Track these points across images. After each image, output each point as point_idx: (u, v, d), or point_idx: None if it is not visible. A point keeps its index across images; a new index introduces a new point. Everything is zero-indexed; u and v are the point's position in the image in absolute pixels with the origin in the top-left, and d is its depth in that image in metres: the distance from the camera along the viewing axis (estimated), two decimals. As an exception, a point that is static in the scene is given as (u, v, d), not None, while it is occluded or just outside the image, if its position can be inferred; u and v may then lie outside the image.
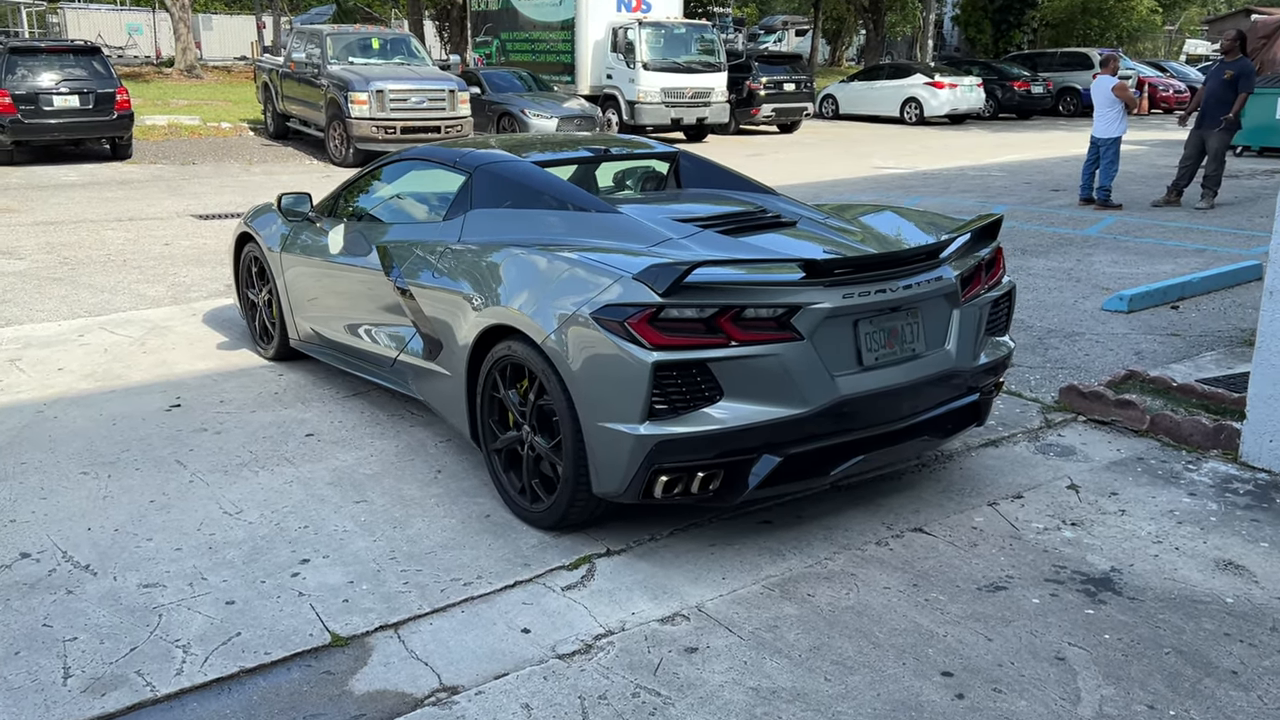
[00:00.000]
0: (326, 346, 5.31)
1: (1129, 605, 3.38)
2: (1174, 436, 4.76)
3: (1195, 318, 6.89)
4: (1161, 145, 19.41)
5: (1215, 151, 11.55)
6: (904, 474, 4.42)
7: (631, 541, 3.79)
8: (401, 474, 4.38)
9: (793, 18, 58.00)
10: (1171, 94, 29.64)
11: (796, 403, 3.48)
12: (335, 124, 15.50)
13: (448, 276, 4.23)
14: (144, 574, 3.53)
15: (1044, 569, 3.62)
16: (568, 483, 3.65)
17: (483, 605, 3.36)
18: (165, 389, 5.43)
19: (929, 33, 35.24)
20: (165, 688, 2.90)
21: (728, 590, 3.47)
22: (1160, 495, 4.22)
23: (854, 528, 3.93)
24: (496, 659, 3.06)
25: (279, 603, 3.36)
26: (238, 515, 3.98)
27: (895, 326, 3.70)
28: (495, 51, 23.43)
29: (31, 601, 3.34)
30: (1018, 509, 4.09)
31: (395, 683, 2.95)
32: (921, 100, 25.40)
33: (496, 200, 4.43)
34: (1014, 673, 3.00)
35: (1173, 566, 3.64)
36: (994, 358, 4.13)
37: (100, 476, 4.32)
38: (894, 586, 3.49)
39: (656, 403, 3.37)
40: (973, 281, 4.02)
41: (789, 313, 3.44)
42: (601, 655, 3.09)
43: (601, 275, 3.54)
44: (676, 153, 5.29)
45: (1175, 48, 54.68)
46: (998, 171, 15.76)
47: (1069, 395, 5.18)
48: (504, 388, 3.93)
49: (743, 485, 3.55)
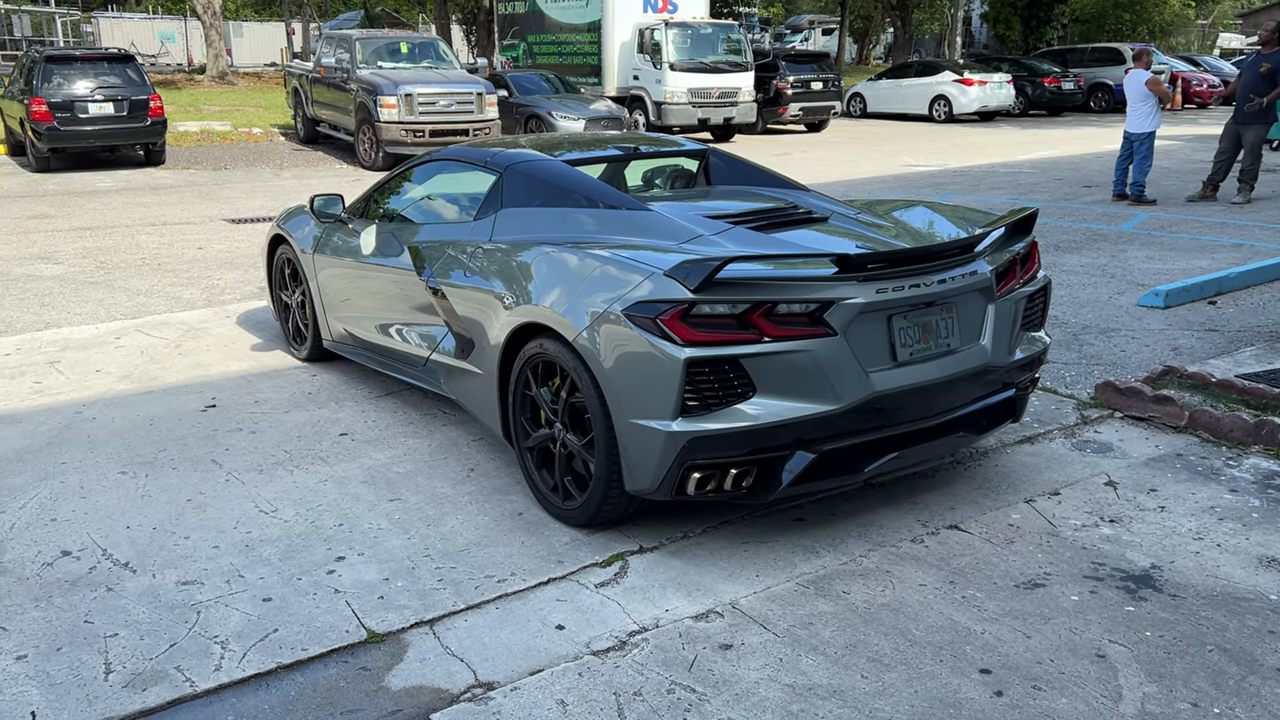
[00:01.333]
0: (359, 347, 5.35)
1: (1170, 602, 3.33)
2: (1213, 432, 4.69)
3: (1233, 313, 6.79)
4: (1195, 140, 19.16)
5: (1251, 145, 11.38)
6: (939, 471, 4.39)
7: (664, 539, 3.79)
8: (434, 472, 4.40)
9: (819, 16, 57.78)
10: (1205, 88, 29.27)
11: (830, 399, 3.46)
12: (365, 128, 15.61)
13: (479, 276, 4.25)
14: (182, 571, 3.56)
15: (1082, 566, 3.57)
16: (600, 480, 3.65)
17: (517, 602, 3.37)
18: (201, 390, 5.48)
19: (957, 30, 35.00)
20: (204, 683, 2.93)
21: (762, 587, 3.45)
22: (1200, 492, 4.16)
23: (889, 525, 3.90)
24: (531, 655, 3.07)
25: (315, 600, 3.38)
26: (273, 513, 4.01)
27: (929, 321, 3.67)
28: (522, 54, 23.50)
29: (73, 598, 3.38)
30: (1055, 506, 4.05)
31: (431, 679, 2.96)
32: (950, 98, 25.21)
33: (527, 199, 4.44)
34: (1053, 670, 2.97)
35: (1214, 563, 3.58)
36: (1030, 353, 4.09)
37: (138, 476, 4.37)
38: (930, 584, 3.46)
39: (689, 399, 3.36)
40: (1008, 276, 3.98)
41: (822, 308, 3.42)
42: (636, 652, 3.08)
43: (633, 272, 3.53)
44: (706, 150, 5.28)
45: (1209, 42, 53.98)
46: (1029, 168, 15.62)
47: (1105, 391, 5.12)
48: (536, 385, 3.93)
49: (776, 482, 3.53)
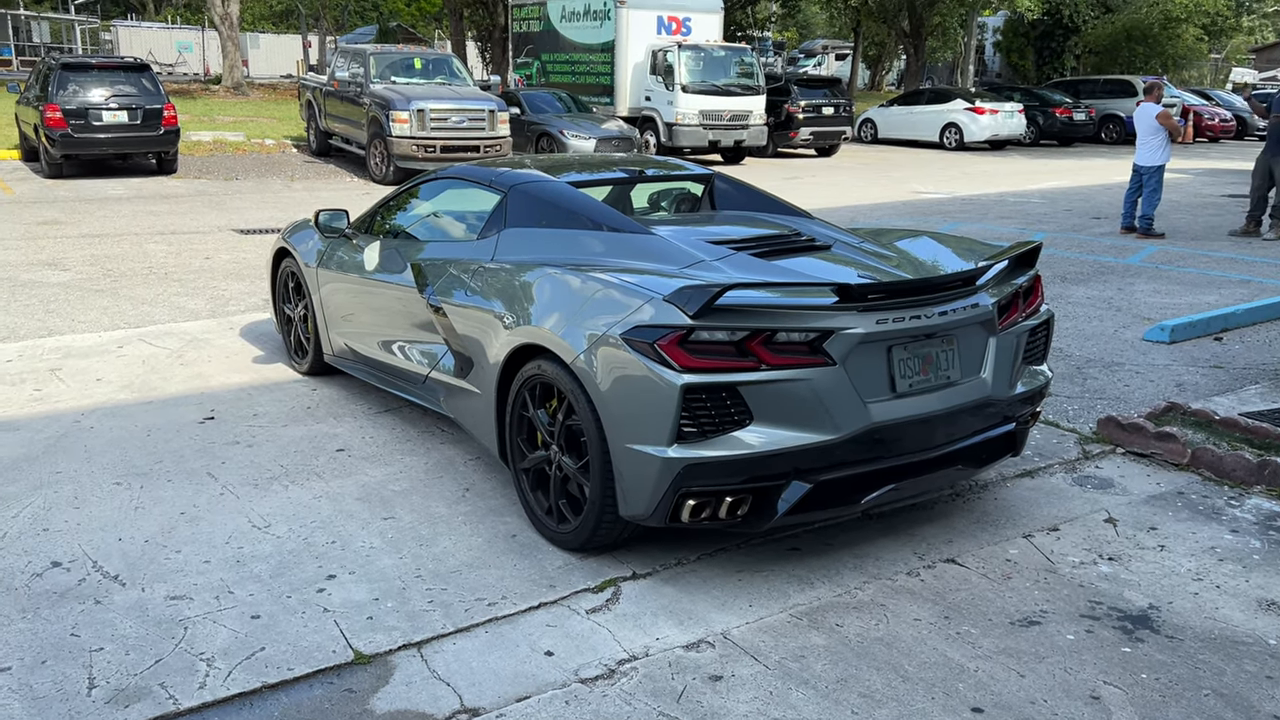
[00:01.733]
0: (360, 362, 5.34)
1: (1167, 644, 3.29)
2: (1216, 471, 4.65)
3: (1239, 350, 6.75)
4: (1206, 174, 19.14)
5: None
6: (937, 503, 4.35)
7: (658, 565, 3.76)
8: (430, 491, 4.38)
9: (833, 42, 57.99)
10: (1217, 122, 29.33)
11: (828, 428, 3.44)
12: (376, 142, 15.67)
13: (480, 295, 4.24)
14: (172, 586, 3.54)
15: (1079, 604, 3.53)
16: (594, 504, 3.63)
17: (506, 626, 3.34)
18: (200, 401, 5.48)
19: (970, 58, 35.10)
20: (188, 701, 2.90)
21: (755, 618, 3.42)
22: (1201, 531, 4.12)
23: (885, 557, 3.87)
24: (519, 681, 3.04)
25: (304, 618, 3.35)
26: (266, 529, 3.99)
27: (930, 353, 3.65)
28: (536, 72, 23.61)
29: (60, 611, 3.36)
30: (1053, 541, 4.01)
31: (417, 703, 2.93)
32: (961, 125, 25.25)
33: (530, 220, 4.43)
34: (1046, 711, 2.93)
35: (1213, 605, 3.54)
36: (1031, 387, 4.06)
37: (133, 487, 4.36)
38: (925, 618, 3.43)
39: (685, 425, 3.34)
40: (1010, 309, 3.96)
41: (821, 337, 3.41)
42: (625, 681, 3.05)
43: (632, 296, 3.52)
44: (711, 175, 5.27)
45: (1221, 76, 54.08)
46: (1038, 198, 15.61)
47: (1108, 426, 5.08)
48: (533, 407, 3.91)
49: (771, 511, 3.50)
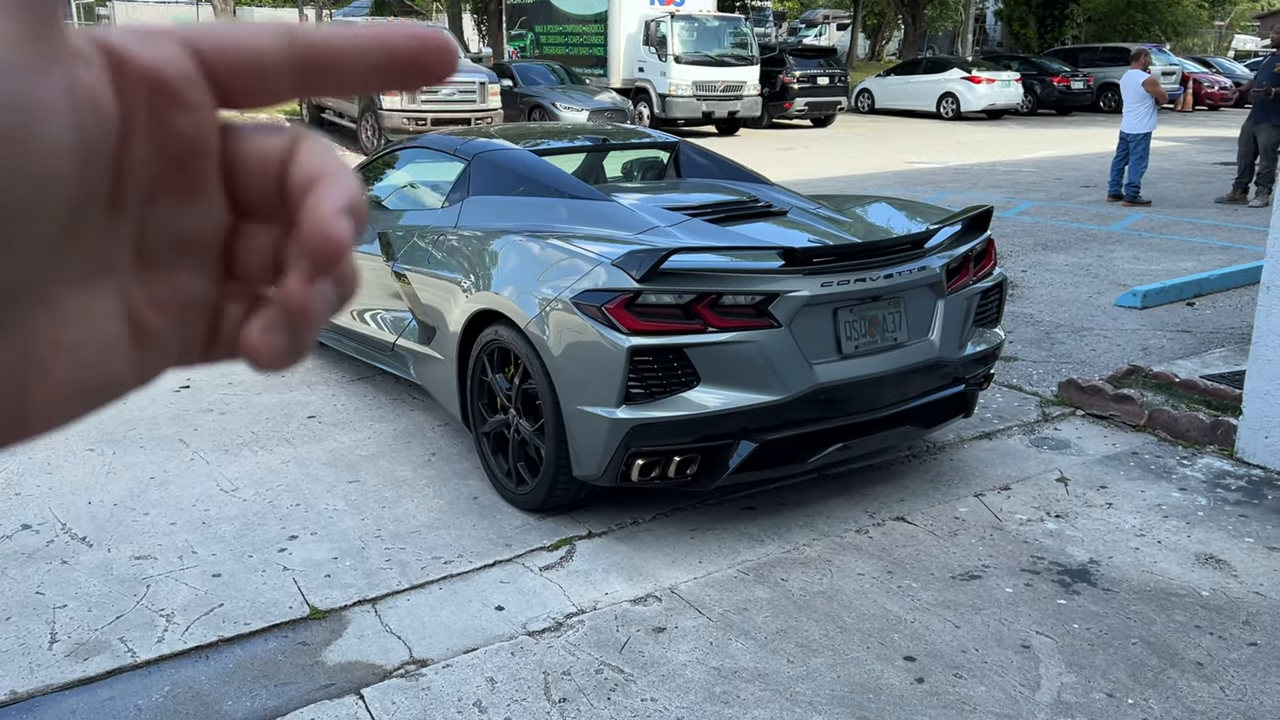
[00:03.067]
0: (331, 330, 5.42)
1: (1102, 596, 3.38)
2: (1171, 432, 4.72)
3: (1209, 315, 6.81)
4: (1201, 142, 19.09)
5: (1265, 148, 11.34)
6: (893, 464, 4.44)
7: (613, 524, 3.85)
8: (396, 456, 4.47)
9: (834, 11, 57.61)
10: (1217, 90, 29.14)
11: (774, 389, 3.52)
12: (367, 115, 15.68)
13: (442, 262, 4.31)
14: (137, 546, 3.64)
15: (1022, 559, 3.62)
16: (550, 465, 3.72)
17: (460, 583, 3.44)
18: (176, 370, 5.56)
19: (969, 27, 34.86)
20: (145, 654, 3.00)
21: (703, 573, 3.51)
22: (1150, 490, 4.20)
23: (836, 515, 3.96)
24: (468, 634, 3.14)
25: (264, 576, 3.45)
26: (233, 492, 4.09)
27: (876, 315, 3.72)
28: (530, 44, 23.54)
29: (28, 570, 3.47)
30: (1003, 500, 4.10)
31: (367, 655, 3.03)
32: (958, 95, 25.14)
33: (493, 188, 4.50)
34: (977, 659, 3.02)
35: (1152, 559, 3.63)
36: (981, 349, 4.13)
37: (105, 453, 4.45)
38: (868, 573, 3.52)
39: (633, 387, 3.42)
40: (960, 273, 4.02)
41: (766, 300, 3.48)
42: (570, 633, 3.15)
43: (583, 261, 3.59)
44: (677, 143, 5.33)
45: (1225, 44, 53.65)
46: (1030, 167, 15.60)
47: (1068, 389, 5.15)
48: (492, 371, 4.00)
49: (720, 470, 3.59)
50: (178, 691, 2.85)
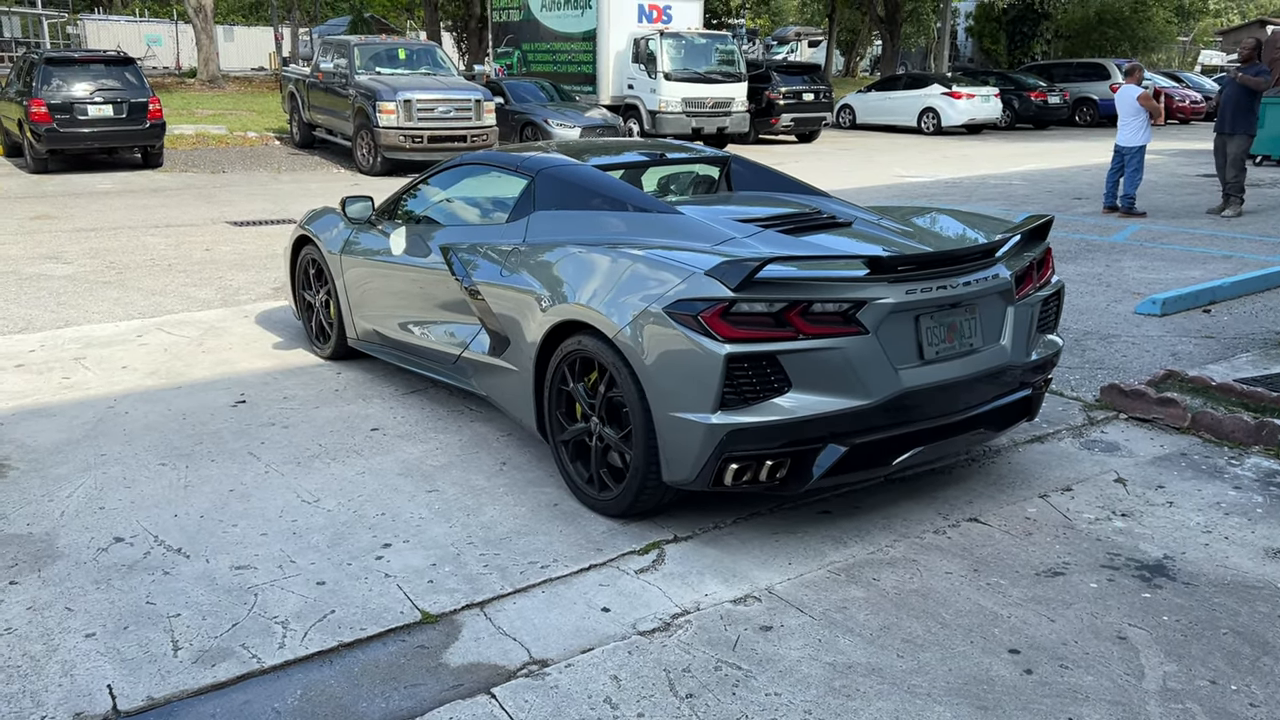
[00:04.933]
0: (386, 345, 5.47)
1: (1184, 589, 3.51)
2: (1216, 433, 4.88)
3: (1228, 321, 7.01)
4: (1182, 155, 19.51)
5: (1233, 158, 11.68)
6: (954, 468, 4.56)
7: (697, 529, 3.93)
8: (468, 465, 4.53)
9: (805, 29, 58.28)
10: (1188, 104, 29.76)
11: (861, 394, 3.62)
12: (363, 133, 15.72)
13: (515, 276, 4.39)
14: (234, 557, 3.68)
15: (1098, 556, 3.75)
16: (637, 471, 3.80)
17: (561, 586, 3.51)
18: (229, 386, 5.60)
19: (944, 43, 35.41)
20: (271, 659, 3.05)
21: (795, 574, 3.60)
22: (1206, 489, 4.34)
23: (911, 517, 4.07)
24: (581, 635, 3.21)
25: (367, 583, 3.51)
26: (316, 503, 4.14)
27: (954, 322, 3.84)
28: (516, 62, 23.66)
29: (132, 581, 3.50)
30: (1068, 500, 4.22)
31: (488, 656, 3.09)
32: (939, 110, 25.54)
33: (559, 202, 4.58)
34: (1078, 651, 3.13)
35: (1224, 554, 3.76)
36: (1044, 354, 4.26)
37: (178, 467, 4.48)
38: (955, 571, 3.63)
39: (728, 393, 3.51)
40: (1025, 280, 4.16)
41: (854, 307, 3.59)
42: (680, 633, 3.23)
43: (673, 272, 3.69)
44: (728, 157, 5.44)
45: (1189, 59, 54.74)
46: (1019, 180, 15.89)
47: (1110, 394, 5.30)
48: (572, 381, 4.07)
49: (808, 474, 3.69)
50: (311, 694, 2.90)
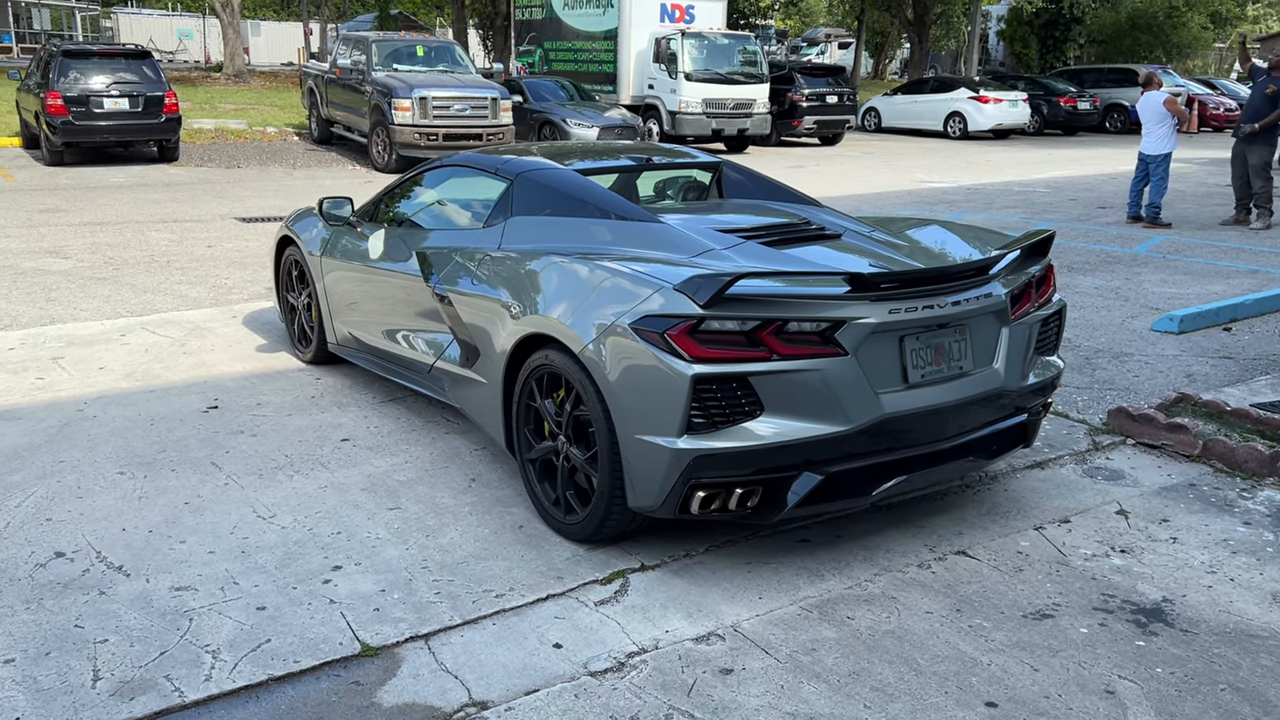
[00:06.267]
0: (364, 351, 5.30)
1: (1181, 638, 3.26)
2: (1228, 463, 4.61)
3: (1249, 340, 6.70)
4: (1212, 164, 19.06)
5: (1255, 168, 11.29)
6: (947, 495, 4.32)
7: (666, 557, 3.72)
8: (435, 481, 4.34)
9: (835, 30, 57.80)
10: (1222, 111, 29.16)
11: (839, 419, 3.40)
12: (378, 130, 15.60)
13: (486, 284, 4.20)
14: (176, 576, 3.51)
15: (1092, 597, 3.50)
16: (603, 495, 3.59)
17: (514, 618, 3.31)
18: (204, 390, 5.44)
19: (974, 47, 34.94)
20: (193, 694, 2.87)
21: (764, 610, 3.39)
22: (1214, 524, 4.08)
23: (895, 549, 3.84)
24: (527, 674, 3.01)
25: (310, 610, 3.32)
26: (271, 519, 3.96)
27: (942, 343, 3.61)
28: (538, 60, 23.51)
29: (64, 601, 3.33)
30: (1064, 534, 3.98)
31: (424, 696, 2.90)
32: (966, 115, 25.14)
33: (537, 208, 4.39)
34: (1061, 705, 2.90)
35: (1227, 599, 3.51)
36: (1043, 378, 4.02)
37: (136, 477, 4.32)
38: (936, 611, 3.40)
39: (695, 416, 3.30)
40: (1022, 299, 3.92)
41: (833, 327, 3.36)
42: (634, 674, 3.02)
43: (642, 285, 3.48)
44: (720, 163, 5.22)
45: (1226, 65, 53.82)
46: (1043, 188, 15.54)
47: (1118, 417, 5.04)
48: (540, 397, 3.88)
49: (782, 503, 3.46)
50: (230, 735, 2.72)
